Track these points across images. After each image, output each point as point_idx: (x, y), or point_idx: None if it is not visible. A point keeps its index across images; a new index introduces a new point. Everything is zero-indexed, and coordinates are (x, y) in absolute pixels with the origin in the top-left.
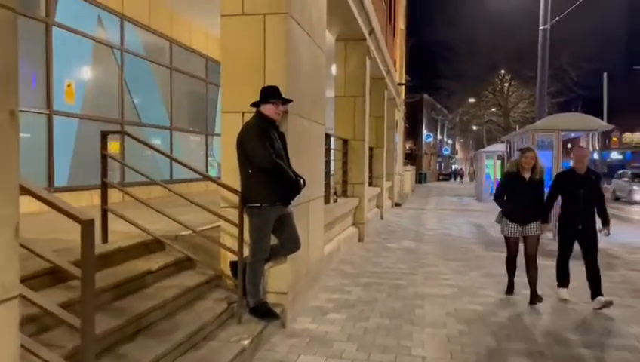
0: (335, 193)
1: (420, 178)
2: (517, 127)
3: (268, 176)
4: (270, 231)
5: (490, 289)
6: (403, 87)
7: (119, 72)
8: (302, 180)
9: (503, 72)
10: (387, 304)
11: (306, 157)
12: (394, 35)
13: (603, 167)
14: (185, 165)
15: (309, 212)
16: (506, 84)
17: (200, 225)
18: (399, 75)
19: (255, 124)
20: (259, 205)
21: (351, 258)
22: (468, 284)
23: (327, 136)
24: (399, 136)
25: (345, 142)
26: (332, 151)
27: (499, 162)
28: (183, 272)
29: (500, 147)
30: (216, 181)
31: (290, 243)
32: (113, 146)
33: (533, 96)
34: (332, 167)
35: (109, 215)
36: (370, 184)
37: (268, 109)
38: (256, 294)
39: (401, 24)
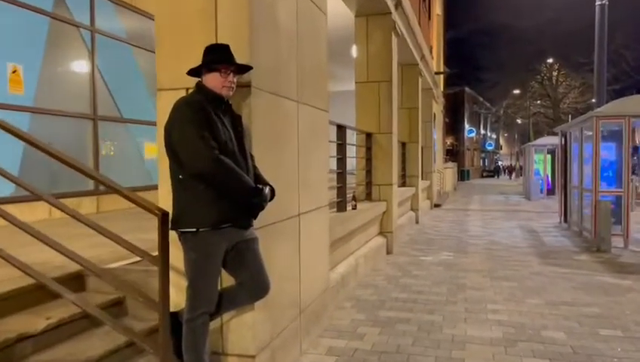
0: (354, 198)
1: (463, 175)
2: (569, 117)
3: (208, 183)
4: (216, 269)
5: (559, 328)
6: (441, 77)
7: (89, 57)
8: (267, 188)
9: (550, 60)
10: (412, 359)
11: (290, 155)
12: (429, 18)
13: None
14: (80, 169)
15: (299, 231)
16: (555, 73)
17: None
18: (436, 63)
19: (188, 102)
20: (194, 230)
21: (373, 279)
22: (526, 320)
23: (341, 128)
24: (438, 130)
25: (368, 136)
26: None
27: (549, 156)
28: (93, 331)
29: (550, 140)
30: (123, 192)
31: (252, 285)
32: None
33: (585, 84)
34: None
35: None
36: (402, 184)
37: (211, 80)
38: None
39: (437, 9)
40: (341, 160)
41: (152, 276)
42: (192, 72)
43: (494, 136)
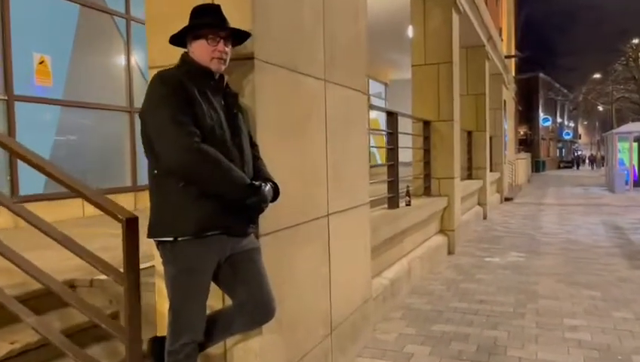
0: (408, 193)
1: (537, 166)
2: None
3: (188, 180)
4: (200, 288)
5: None
6: (512, 61)
7: (125, 47)
8: (267, 186)
9: (636, 40)
10: None
11: (314, 144)
12: None
13: None
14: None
15: (328, 234)
16: None
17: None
18: (506, 46)
19: (163, 78)
20: (171, 239)
21: (429, 284)
22: (612, 340)
23: (392, 115)
24: (509, 118)
25: (426, 124)
26: (404, 138)
27: (635, 145)
28: (66, 359)
29: (636, 127)
30: (85, 195)
31: (251, 306)
32: None
33: None
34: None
35: None
36: (468, 176)
37: (197, 50)
38: None
39: None
40: (392, 151)
41: (149, 289)
42: (176, 41)
43: (572, 124)
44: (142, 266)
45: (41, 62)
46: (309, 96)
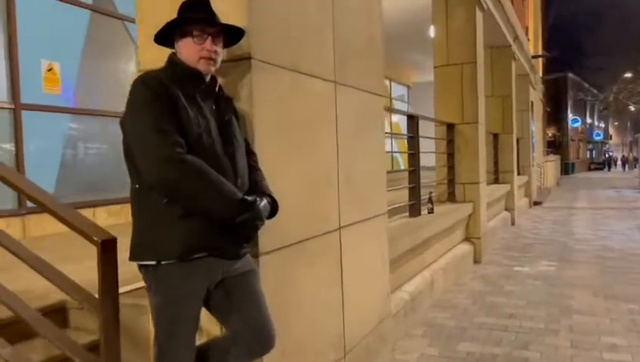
0: (430, 200)
1: (567, 168)
2: None
3: (171, 196)
4: (188, 319)
5: None
6: (539, 61)
7: (136, 53)
8: (262, 200)
9: None
10: None
11: (323, 151)
12: None
13: None
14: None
15: (340, 249)
16: None
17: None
18: (533, 46)
19: (145, 81)
20: (153, 262)
21: (454, 297)
22: None
23: (412, 119)
24: (537, 120)
25: (449, 127)
26: (426, 142)
27: None
28: None
29: None
30: (57, 212)
31: (248, 336)
32: None
33: None
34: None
35: None
36: (495, 181)
37: (184, 49)
38: None
39: None
40: (413, 156)
41: (144, 312)
42: (163, 41)
43: (602, 125)
44: (136, 286)
45: (49, 70)
46: (316, 100)
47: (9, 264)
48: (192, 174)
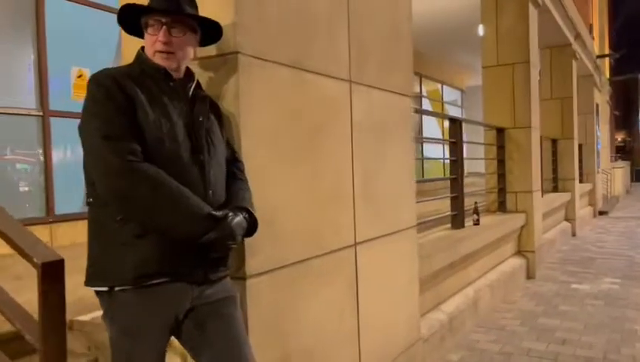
0: (476, 211)
1: (638, 175)
2: None
3: (126, 211)
4: (145, 354)
5: None
6: (606, 61)
7: None
8: (237, 216)
9: None
10: None
11: (334, 158)
12: None
13: None
14: None
15: (355, 269)
16: None
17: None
18: (598, 45)
19: (97, 80)
20: (106, 288)
21: (501, 317)
22: None
23: (455, 123)
24: (603, 124)
25: (499, 132)
26: (475, 149)
27: None
28: None
29: None
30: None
31: None
32: None
33: None
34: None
35: None
36: (554, 189)
37: (145, 41)
38: None
39: None
40: (456, 162)
41: None
42: (129, 30)
43: None
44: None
45: (79, 76)
46: (325, 101)
47: None
48: (145, 185)
